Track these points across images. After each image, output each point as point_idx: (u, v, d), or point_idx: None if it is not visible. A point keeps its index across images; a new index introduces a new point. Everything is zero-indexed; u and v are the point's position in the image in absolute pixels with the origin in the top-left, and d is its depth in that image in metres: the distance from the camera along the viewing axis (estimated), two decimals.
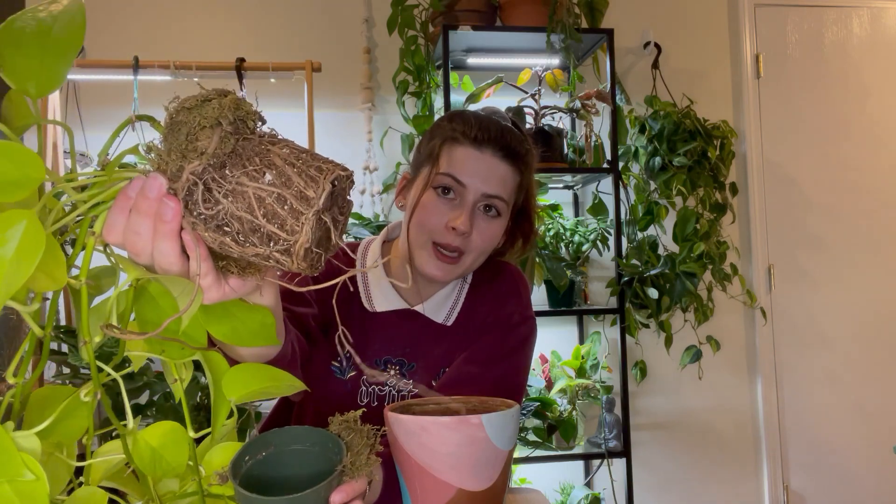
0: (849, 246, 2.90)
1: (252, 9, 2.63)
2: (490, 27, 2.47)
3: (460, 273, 1.03)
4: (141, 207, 0.46)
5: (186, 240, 0.48)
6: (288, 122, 2.45)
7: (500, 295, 1.12)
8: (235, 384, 0.54)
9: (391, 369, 1.08)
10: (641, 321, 2.50)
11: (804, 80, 2.93)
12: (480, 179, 1.00)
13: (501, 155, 1.01)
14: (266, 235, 0.46)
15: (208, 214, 0.46)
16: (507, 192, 1.02)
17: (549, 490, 2.46)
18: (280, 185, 0.46)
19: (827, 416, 2.85)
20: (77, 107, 2.46)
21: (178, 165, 0.46)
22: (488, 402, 0.82)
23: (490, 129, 1.01)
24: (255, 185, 0.46)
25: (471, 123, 1.01)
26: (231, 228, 0.47)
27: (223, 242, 0.47)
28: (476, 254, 1.02)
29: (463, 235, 0.99)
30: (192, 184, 0.46)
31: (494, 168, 1.00)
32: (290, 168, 0.46)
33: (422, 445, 0.71)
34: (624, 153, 2.61)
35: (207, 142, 0.45)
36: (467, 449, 0.70)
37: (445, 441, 0.70)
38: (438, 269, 1.00)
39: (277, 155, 0.47)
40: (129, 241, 0.48)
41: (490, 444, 0.71)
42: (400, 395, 1.07)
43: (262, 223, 0.46)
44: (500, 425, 0.72)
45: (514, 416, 0.74)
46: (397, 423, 0.72)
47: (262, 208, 0.46)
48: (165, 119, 0.47)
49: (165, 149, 0.47)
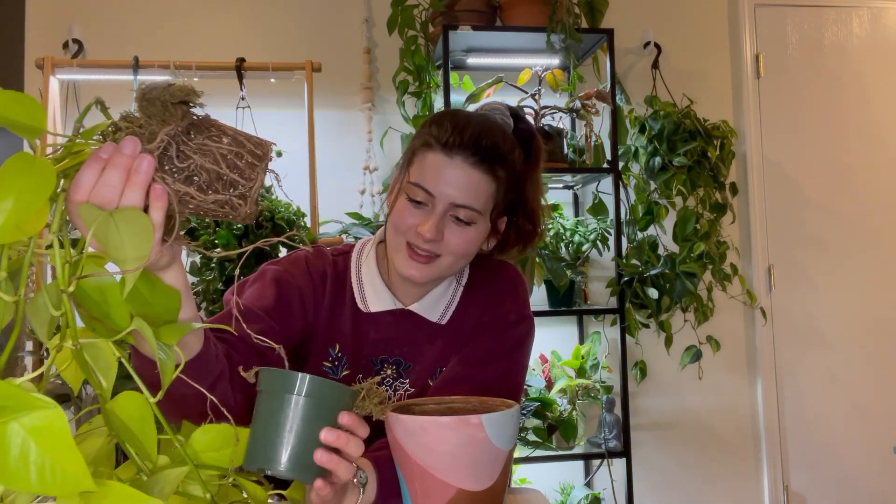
0: (849, 246, 2.90)
1: (252, 9, 2.63)
2: (490, 27, 2.47)
3: (437, 274, 1.01)
4: (116, 161, 0.55)
5: (156, 188, 0.57)
6: (288, 122, 2.45)
7: (496, 294, 1.11)
8: None
9: (388, 369, 1.07)
10: (641, 321, 2.50)
11: (804, 81, 2.93)
12: (450, 188, 0.96)
13: (473, 161, 0.96)
14: (229, 182, 0.60)
15: (179, 167, 0.59)
16: (479, 200, 0.98)
17: (549, 490, 2.46)
18: (236, 145, 0.60)
19: (827, 417, 2.85)
20: (77, 107, 2.46)
21: (155, 129, 0.58)
22: (488, 402, 0.82)
23: (464, 134, 0.96)
24: (216, 145, 0.60)
25: (446, 128, 0.97)
26: (199, 178, 0.59)
27: (187, 193, 0.59)
28: (453, 257, 0.99)
29: (433, 242, 0.97)
30: (167, 143, 0.58)
31: (465, 176, 0.96)
32: (239, 136, 0.61)
33: (421, 445, 0.71)
34: (624, 153, 2.61)
35: (180, 111, 0.58)
36: (467, 449, 0.70)
37: (445, 441, 0.70)
38: (414, 268, 0.99)
39: (225, 127, 0.61)
40: (99, 193, 0.54)
41: (490, 444, 0.71)
42: (396, 394, 1.07)
43: (225, 172, 0.59)
44: (500, 425, 0.72)
45: (514, 416, 0.74)
46: (397, 423, 0.72)
47: (224, 162, 0.60)
48: (138, 95, 0.58)
49: (143, 116, 0.58)
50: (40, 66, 2.13)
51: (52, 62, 2.13)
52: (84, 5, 2.54)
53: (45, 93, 2.12)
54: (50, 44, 2.48)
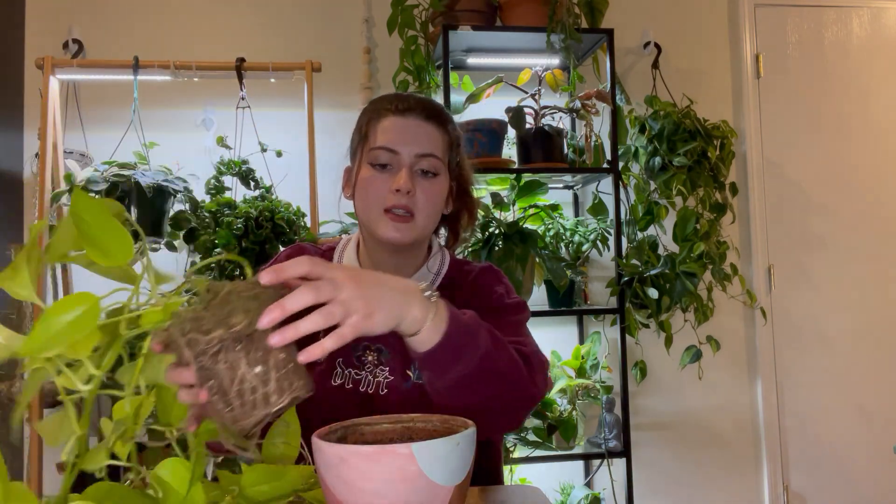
0: (849, 246, 2.90)
1: (252, 9, 2.63)
2: (490, 27, 2.47)
3: (416, 234, 1.06)
4: None
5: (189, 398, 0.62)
6: (288, 122, 2.45)
7: (480, 286, 1.12)
8: None
9: (369, 355, 1.07)
10: (641, 321, 2.50)
11: (804, 80, 2.93)
12: (410, 142, 1.05)
13: (424, 116, 1.07)
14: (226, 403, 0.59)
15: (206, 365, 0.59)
16: (438, 149, 1.07)
17: (549, 490, 2.46)
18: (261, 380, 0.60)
19: (827, 417, 2.85)
20: (77, 107, 2.46)
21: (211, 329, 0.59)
22: (450, 423, 0.70)
23: (409, 99, 1.08)
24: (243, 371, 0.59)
25: (390, 98, 1.09)
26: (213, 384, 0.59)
27: None
28: (426, 213, 1.06)
29: (408, 195, 1.04)
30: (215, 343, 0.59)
31: (421, 128, 1.06)
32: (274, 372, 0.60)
33: (341, 480, 0.59)
34: (624, 153, 2.61)
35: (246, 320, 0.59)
36: (396, 486, 0.57)
37: (367, 476, 0.58)
38: (396, 230, 1.04)
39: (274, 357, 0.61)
40: None
41: (425, 480, 0.58)
42: (375, 381, 1.06)
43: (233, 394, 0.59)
44: (437, 456, 0.58)
45: (460, 444, 0.61)
46: (318, 452, 0.61)
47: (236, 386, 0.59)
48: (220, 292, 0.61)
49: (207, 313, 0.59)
50: (40, 66, 2.13)
51: (52, 62, 2.13)
52: (84, 5, 2.54)
53: (45, 93, 2.12)
54: (50, 44, 2.48)
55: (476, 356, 0.81)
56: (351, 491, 0.58)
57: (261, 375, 0.60)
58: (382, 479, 0.57)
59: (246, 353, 0.60)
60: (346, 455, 0.58)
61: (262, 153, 2.22)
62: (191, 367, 0.59)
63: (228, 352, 0.59)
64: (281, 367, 0.61)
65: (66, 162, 2.20)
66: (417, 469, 0.57)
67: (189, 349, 0.59)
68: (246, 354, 0.60)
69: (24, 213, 2.44)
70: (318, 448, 0.61)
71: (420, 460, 0.57)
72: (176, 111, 2.52)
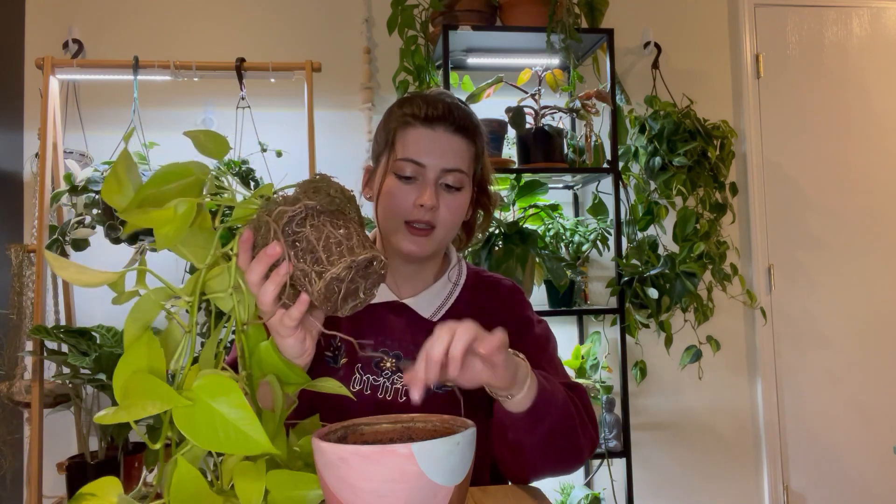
0: (849, 246, 2.90)
1: (252, 9, 2.63)
2: (490, 27, 2.47)
3: (435, 247, 1.06)
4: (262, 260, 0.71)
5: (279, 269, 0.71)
6: (288, 122, 2.45)
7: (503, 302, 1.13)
8: None
9: (387, 361, 1.07)
10: (641, 321, 2.50)
11: (804, 80, 2.93)
12: (437, 156, 1.03)
13: (453, 129, 1.05)
14: (314, 259, 0.68)
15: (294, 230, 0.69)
16: (464, 163, 1.06)
17: (549, 490, 2.46)
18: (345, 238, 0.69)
19: (827, 417, 2.85)
20: (77, 107, 2.46)
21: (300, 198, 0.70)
22: (449, 423, 0.70)
23: (438, 107, 1.05)
24: (329, 230, 0.69)
25: (419, 105, 1.05)
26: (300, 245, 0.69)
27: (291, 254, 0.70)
28: (447, 227, 1.05)
29: (432, 210, 1.03)
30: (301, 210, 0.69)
31: (449, 142, 1.04)
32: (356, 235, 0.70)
33: (341, 480, 0.59)
34: (624, 153, 2.61)
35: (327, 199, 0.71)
36: (396, 486, 0.57)
37: (367, 476, 0.58)
38: (414, 243, 1.04)
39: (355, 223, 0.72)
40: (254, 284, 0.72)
41: (425, 480, 0.58)
42: (393, 387, 1.07)
43: (319, 249, 0.68)
44: (437, 456, 0.59)
45: (460, 444, 0.61)
46: (317, 451, 0.61)
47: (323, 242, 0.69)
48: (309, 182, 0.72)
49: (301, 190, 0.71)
50: (40, 66, 2.13)
51: (52, 62, 2.13)
52: (84, 5, 2.54)
53: (45, 93, 2.12)
54: (50, 44, 2.48)
55: (557, 414, 0.91)
56: (351, 491, 0.58)
57: (344, 235, 0.69)
58: (382, 479, 0.57)
59: (330, 220, 0.69)
60: (346, 455, 0.58)
61: (262, 153, 2.22)
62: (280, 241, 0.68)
63: (314, 218, 0.69)
64: (361, 234, 0.71)
65: (66, 162, 2.20)
66: (417, 469, 0.57)
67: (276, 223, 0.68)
68: (330, 221, 0.69)
69: (24, 213, 2.44)
70: (319, 448, 0.61)
71: (420, 460, 0.57)
72: (176, 111, 2.52)
